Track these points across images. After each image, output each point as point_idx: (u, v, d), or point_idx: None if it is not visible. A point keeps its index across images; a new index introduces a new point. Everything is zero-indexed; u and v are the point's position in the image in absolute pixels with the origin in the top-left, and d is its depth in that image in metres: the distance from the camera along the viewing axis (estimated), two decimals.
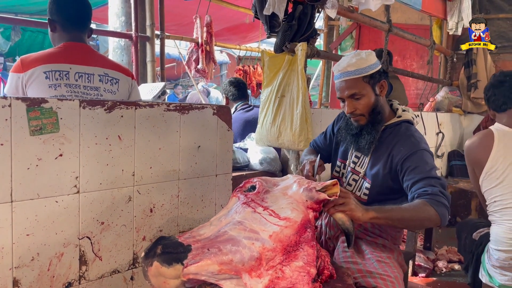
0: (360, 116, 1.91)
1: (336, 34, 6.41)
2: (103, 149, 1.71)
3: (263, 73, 2.81)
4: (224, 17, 6.19)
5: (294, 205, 1.48)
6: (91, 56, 2.13)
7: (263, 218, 1.44)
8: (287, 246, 1.37)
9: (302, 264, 1.34)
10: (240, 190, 1.63)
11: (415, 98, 5.56)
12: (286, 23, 2.62)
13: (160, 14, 4.31)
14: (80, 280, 1.68)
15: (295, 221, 1.42)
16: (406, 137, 1.88)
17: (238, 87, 3.76)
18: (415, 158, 1.79)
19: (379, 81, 1.90)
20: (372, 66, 1.87)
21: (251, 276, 1.31)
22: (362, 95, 1.86)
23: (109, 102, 1.72)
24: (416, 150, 1.81)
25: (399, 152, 1.84)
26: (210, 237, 1.42)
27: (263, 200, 1.55)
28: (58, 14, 2.08)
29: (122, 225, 1.80)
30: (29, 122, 1.48)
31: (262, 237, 1.36)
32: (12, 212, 1.48)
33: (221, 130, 2.23)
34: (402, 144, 1.85)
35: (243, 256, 1.31)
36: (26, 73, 1.91)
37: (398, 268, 1.83)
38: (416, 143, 1.85)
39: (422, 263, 3.02)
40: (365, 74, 1.85)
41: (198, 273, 1.31)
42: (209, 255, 1.31)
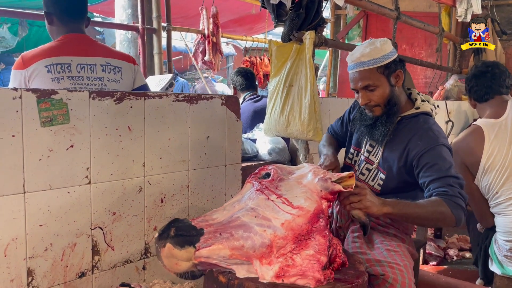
0: (375, 107, 1.86)
1: (343, 23, 6.36)
2: (113, 140, 1.72)
3: (271, 62, 2.79)
4: (230, 8, 6.16)
5: (308, 194, 1.48)
6: (92, 46, 2.13)
7: (276, 205, 1.44)
8: (299, 234, 1.37)
9: (312, 253, 1.34)
10: (255, 177, 1.63)
11: (423, 87, 5.51)
12: (293, 12, 2.60)
13: (167, 6, 4.29)
14: (93, 270, 1.70)
15: (307, 210, 1.42)
16: (424, 131, 1.82)
17: (246, 77, 3.74)
18: (433, 154, 1.74)
19: (394, 71, 1.84)
20: (387, 56, 1.81)
21: (261, 263, 1.32)
22: (376, 86, 1.81)
23: (118, 93, 1.73)
24: (434, 145, 1.76)
25: (416, 146, 1.78)
26: (222, 222, 1.43)
27: (277, 188, 1.55)
28: (54, 6, 2.07)
29: (133, 216, 1.81)
30: (39, 114, 1.49)
31: (274, 224, 1.36)
32: (25, 203, 1.49)
33: (230, 120, 2.22)
34: (420, 138, 1.80)
35: (254, 243, 1.31)
36: (28, 69, 1.91)
37: (408, 256, 1.82)
38: (435, 138, 1.79)
39: (433, 251, 3.01)
40: (379, 65, 1.79)
41: (209, 256, 1.32)
42: (221, 240, 1.32)
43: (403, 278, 1.61)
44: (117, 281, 1.77)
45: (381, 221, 1.93)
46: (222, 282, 1.35)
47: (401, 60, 1.88)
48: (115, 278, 1.77)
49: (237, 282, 1.32)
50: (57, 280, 1.60)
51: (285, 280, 1.29)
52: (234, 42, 10.82)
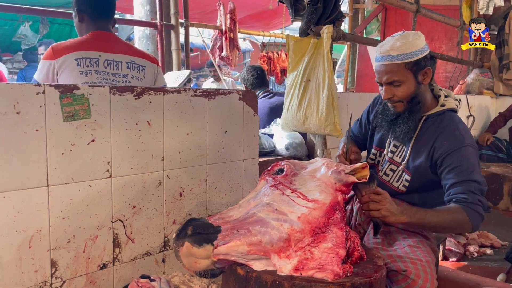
0: (398, 102, 1.80)
1: (361, 17, 6.29)
2: (133, 134, 1.74)
3: (288, 57, 2.79)
4: (247, 4, 6.15)
5: (323, 187, 1.48)
6: (118, 44, 2.19)
7: (291, 200, 1.45)
8: (316, 227, 1.37)
9: (331, 246, 1.34)
10: (268, 173, 1.64)
11: (444, 81, 5.42)
12: (311, 6, 2.58)
13: (184, 2, 4.31)
14: (114, 262, 1.74)
15: (323, 203, 1.42)
16: (450, 130, 1.77)
17: (256, 75, 3.71)
18: (458, 156, 1.69)
19: (423, 68, 1.75)
20: (418, 52, 1.73)
21: (280, 257, 1.33)
22: (402, 83, 1.74)
23: (138, 89, 1.75)
24: (460, 146, 1.71)
25: (442, 146, 1.73)
26: (239, 218, 1.44)
27: (291, 183, 1.55)
28: (87, 5, 2.14)
29: (153, 209, 1.84)
30: (62, 109, 1.53)
31: (291, 218, 1.37)
32: (49, 196, 1.53)
33: (247, 115, 2.23)
34: (446, 138, 1.75)
35: (272, 237, 1.32)
36: (58, 60, 1.96)
37: (430, 252, 1.79)
38: (461, 138, 1.73)
39: (453, 248, 2.97)
40: (408, 60, 1.71)
41: (228, 253, 1.33)
42: (238, 236, 1.33)
43: (426, 274, 1.59)
44: (137, 273, 1.80)
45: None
46: (240, 275, 1.36)
47: (432, 56, 1.80)
48: (135, 270, 1.81)
49: (255, 275, 1.33)
50: (79, 272, 1.64)
51: (303, 273, 1.30)
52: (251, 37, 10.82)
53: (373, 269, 1.40)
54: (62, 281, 1.59)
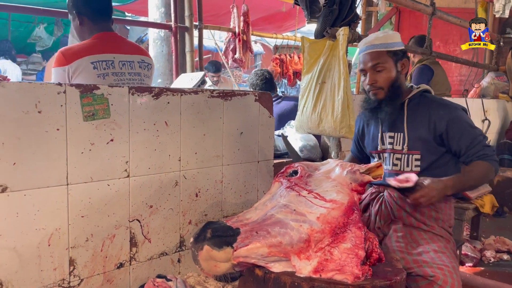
0: (379, 89, 1.96)
1: (374, 20, 6.26)
2: (151, 134, 1.75)
3: (303, 59, 2.78)
4: (260, 6, 6.17)
5: (339, 188, 1.48)
6: (127, 44, 2.21)
7: (308, 201, 1.44)
8: (335, 227, 1.37)
9: (350, 246, 1.33)
10: (282, 175, 1.63)
11: (458, 85, 5.37)
12: (326, 8, 2.57)
13: (198, 5, 4.33)
14: (130, 261, 1.74)
15: (341, 203, 1.41)
16: (439, 102, 1.98)
17: (265, 80, 3.69)
18: (459, 122, 1.91)
19: (402, 59, 1.98)
20: (397, 44, 1.97)
21: (299, 258, 1.32)
22: (384, 68, 1.94)
23: (156, 89, 1.76)
24: (456, 112, 1.93)
25: (440, 116, 1.92)
26: (257, 220, 1.43)
27: (307, 184, 1.55)
28: (85, 7, 2.11)
29: (169, 209, 1.85)
30: (82, 108, 1.54)
31: (310, 219, 1.36)
32: (68, 195, 1.54)
33: (263, 116, 2.23)
34: (439, 108, 1.94)
35: (292, 238, 1.31)
36: (71, 65, 1.95)
37: (454, 258, 1.79)
38: (452, 105, 1.96)
39: (469, 253, 2.93)
40: (389, 49, 1.95)
41: (248, 256, 1.33)
42: (258, 238, 1.33)
43: (453, 280, 1.60)
44: (154, 273, 1.80)
45: (426, 220, 1.89)
46: (258, 276, 1.36)
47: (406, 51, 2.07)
48: (152, 270, 1.81)
49: (273, 276, 1.33)
50: (97, 270, 1.65)
51: (323, 275, 1.29)
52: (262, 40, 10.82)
53: (393, 272, 1.39)
54: (80, 279, 1.60)
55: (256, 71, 3.81)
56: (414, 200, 1.77)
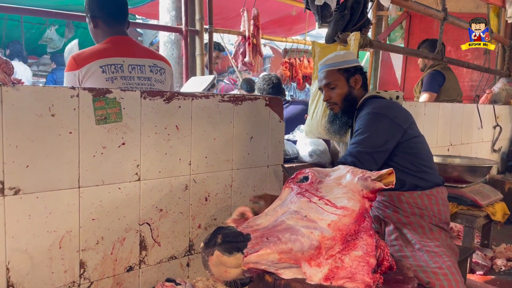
0: (334, 104, 2.16)
1: (384, 25, 6.23)
2: (162, 138, 1.76)
3: (314, 64, 2.78)
4: (270, 9, 6.17)
5: (350, 195, 1.46)
6: (138, 48, 2.21)
7: (319, 207, 1.43)
8: (346, 235, 1.35)
9: (361, 254, 1.32)
10: (293, 181, 1.62)
11: (469, 90, 5.32)
12: (338, 13, 2.58)
13: (209, 8, 4.34)
14: (140, 265, 1.75)
15: (353, 210, 1.40)
16: (364, 108, 2.07)
17: (272, 85, 3.69)
18: (361, 121, 2.00)
19: (353, 75, 2.13)
20: (348, 62, 2.13)
21: (310, 265, 1.31)
22: (336, 85, 2.13)
23: (167, 93, 1.77)
24: (364, 114, 2.01)
25: (357, 120, 2.06)
26: (267, 226, 1.43)
27: (318, 190, 1.54)
28: (100, 10, 2.13)
29: (179, 213, 1.85)
30: (95, 112, 1.55)
31: (321, 226, 1.35)
32: (79, 198, 1.55)
33: (273, 121, 2.23)
34: (359, 117, 2.05)
35: (302, 245, 1.31)
36: (81, 69, 1.97)
37: (450, 255, 1.80)
38: (367, 108, 2.03)
39: (480, 261, 2.90)
40: (339, 67, 2.12)
41: (258, 262, 1.32)
42: (268, 244, 1.32)
43: (449, 282, 1.61)
44: (163, 276, 1.81)
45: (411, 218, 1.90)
46: (268, 282, 1.35)
47: (361, 68, 2.21)
48: (161, 274, 1.81)
49: (283, 282, 1.32)
50: (107, 273, 1.65)
51: (334, 283, 1.28)
52: (271, 43, 10.83)
53: (404, 280, 1.37)
54: (90, 282, 1.61)
55: (264, 75, 3.82)
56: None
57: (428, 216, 1.93)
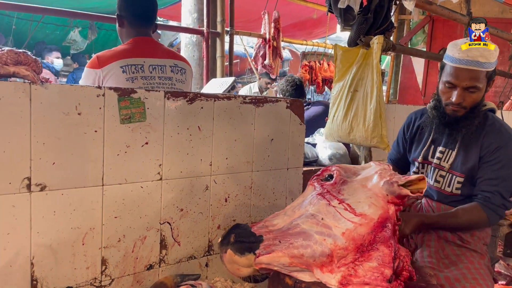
0: (462, 108, 1.79)
1: (406, 29, 6.17)
2: (184, 138, 1.77)
3: (335, 67, 2.77)
4: (290, 13, 6.17)
5: (373, 200, 1.42)
6: (160, 49, 2.23)
7: (337, 212, 1.40)
8: (361, 245, 1.32)
9: (376, 265, 1.30)
10: (317, 179, 1.58)
11: (493, 96, 5.22)
12: (361, 16, 2.56)
13: (230, 11, 4.38)
14: (160, 263, 1.76)
15: (371, 218, 1.36)
16: (496, 128, 1.82)
17: (296, 87, 3.70)
18: (502, 153, 1.75)
19: (492, 78, 1.83)
20: (495, 62, 1.79)
21: (322, 271, 1.30)
22: (478, 90, 1.76)
23: (190, 94, 1.78)
24: (507, 142, 1.77)
25: (490, 143, 1.78)
26: (282, 228, 1.41)
27: (339, 192, 1.50)
28: (126, 11, 2.18)
29: (199, 213, 1.86)
30: (119, 111, 1.57)
31: (335, 233, 1.33)
32: (103, 195, 1.58)
33: (294, 123, 2.22)
34: (493, 135, 1.80)
35: (314, 252, 1.29)
36: (103, 69, 2.01)
37: (489, 276, 1.73)
38: (507, 135, 1.80)
39: (502, 270, 2.84)
40: (489, 70, 1.75)
41: (270, 263, 1.32)
42: (280, 247, 1.31)
43: None
44: None
45: (462, 236, 1.83)
46: (288, 284, 1.34)
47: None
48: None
49: (304, 286, 1.31)
50: (128, 271, 1.67)
51: None
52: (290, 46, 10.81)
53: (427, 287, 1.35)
54: (111, 279, 1.63)
55: (287, 77, 3.83)
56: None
57: (478, 237, 1.84)
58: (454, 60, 1.77)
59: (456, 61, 1.76)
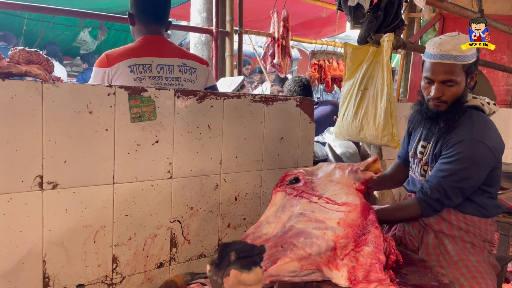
0: (442, 103, 1.79)
1: (416, 26, 6.12)
2: (194, 137, 1.78)
3: (345, 65, 2.75)
4: (299, 12, 6.15)
5: (346, 190, 1.48)
6: (169, 48, 2.22)
7: (322, 206, 1.41)
8: (357, 230, 1.35)
9: (372, 249, 1.31)
10: (283, 184, 1.60)
11: (505, 94, 5.15)
12: (371, 14, 2.54)
13: (239, 10, 4.37)
14: (170, 261, 1.77)
15: (355, 204, 1.40)
16: (464, 125, 1.77)
17: (303, 87, 3.69)
18: (459, 149, 1.71)
19: (473, 72, 1.80)
20: (473, 55, 1.76)
21: (330, 269, 1.28)
22: (456, 83, 1.75)
23: (200, 93, 1.79)
24: (466, 139, 1.71)
25: (451, 138, 1.75)
26: (277, 234, 1.36)
27: (313, 189, 1.52)
28: (136, 8, 2.18)
29: (209, 211, 1.86)
30: (130, 110, 1.58)
31: (331, 225, 1.33)
32: (114, 194, 1.58)
33: (303, 122, 2.22)
34: (458, 130, 1.76)
35: (320, 247, 1.26)
36: (112, 68, 2.01)
37: (489, 271, 1.71)
38: (469, 132, 1.73)
39: None
40: (466, 62, 1.74)
41: (279, 274, 1.23)
42: (285, 252, 1.24)
43: None
44: None
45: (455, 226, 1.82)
46: (298, 284, 1.34)
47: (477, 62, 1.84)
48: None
49: (315, 285, 1.30)
50: (138, 269, 1.68)
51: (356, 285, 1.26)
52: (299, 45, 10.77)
53: (439, 286, 1.34)
54: (122, 277, 1.64)
55: (294, 78, 3.81)
56: None
57: (474, 234, 1.81)
58: (430, 56, 1.79)
59: (431, 56, 1.78)
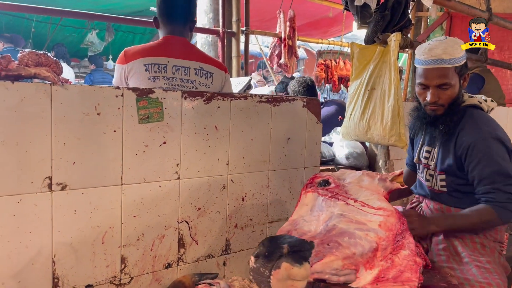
0: (439, 106, 1.81)
1: (423, 25, 6.08)
2: (201, 138, 1.78)
3: (352, 65, 2.75)
4: (306, 12, 6.14)
5: (377, 196, 1.49)
6: (188, 50, 2.21)
7: (358, 209, 1.42)
8: (396, 234, 1.35)
9: (408, 253, 1.32)
10: (313, 185, 1.60)
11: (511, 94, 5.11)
12: (378, 13, 2.54)
13: (246, 10, 4.37)
14: (178, 262, 1.77)
15: (391, 210, 1.40)
16: (469, 125, 1.80)
17: (307, 87, 3.69)
18: (479, 150, 1.73)
19: (465, 73, 1.83)
20: (463, 57, 1.79)
21: (365, 268, 1.29)
22: (450, 86, 1.78)
23: (207, 94, 1.79)
24: (479, 140, 1.74)
25: (463, 142, 1.77)
26: (321, 232, 1.39)
27: (347, 193, 1.52)
28: (158, 10, 2.20)
29: (216, 212, 1.87)
30: (138, 111, 1.59)
31: (372, 227, 1.33)
32: (122, 195, 1.59)
33: (310, 122, 2.22)
34: (466, 133, 1.78)
35: (364, 248, 1.28)
36: (128, 64, 2.03)
37: (500, 273, 1.70)
38: (480, 132, 1.76)
39: None
40: (457, 65, 1.77)
41: (323, 271, 1.24)
42: (331, 250, 1.26)
43: None
44: None
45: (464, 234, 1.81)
46: None
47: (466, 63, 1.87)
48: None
49: (322, 286, 1.30)
50: (146, 269, 1.69)
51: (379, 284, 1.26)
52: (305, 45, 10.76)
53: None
54: (130, 277, 1.65)
55: (298, 78, 3.82)
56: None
57: (484, 234, 1.81)
58: (421, 62, 1.81)
59: (423, 62, 1.80)
